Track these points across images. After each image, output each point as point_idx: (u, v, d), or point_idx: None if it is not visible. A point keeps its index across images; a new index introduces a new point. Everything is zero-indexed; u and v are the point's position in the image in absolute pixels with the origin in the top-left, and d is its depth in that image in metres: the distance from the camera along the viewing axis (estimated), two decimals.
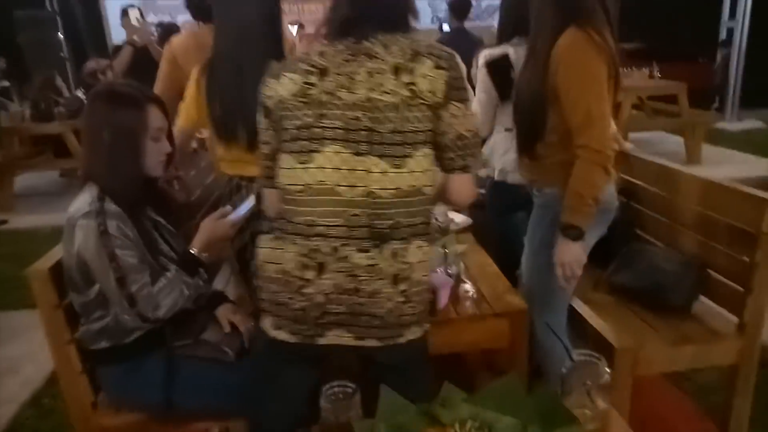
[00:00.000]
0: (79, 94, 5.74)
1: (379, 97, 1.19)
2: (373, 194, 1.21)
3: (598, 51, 1.55)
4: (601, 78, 1.57)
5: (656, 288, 1.99)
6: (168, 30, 4.75)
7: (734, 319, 1.87)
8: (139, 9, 4.75)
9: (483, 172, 2.41)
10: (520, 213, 2.20)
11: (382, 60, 1.21)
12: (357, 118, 1.20)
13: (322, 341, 1.26)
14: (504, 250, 2.25)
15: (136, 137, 1.51)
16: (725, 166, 5.52)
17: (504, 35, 2.26)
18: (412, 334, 1.28)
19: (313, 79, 1.23)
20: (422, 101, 1.19)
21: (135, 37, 4.32)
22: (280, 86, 1.25)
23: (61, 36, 8.01)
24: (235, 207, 1.69)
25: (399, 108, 1.19)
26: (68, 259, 1.49)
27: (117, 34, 6.58)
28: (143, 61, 4.33)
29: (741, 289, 1.80)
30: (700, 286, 1.95)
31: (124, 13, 4.64)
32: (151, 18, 6.58)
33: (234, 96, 1.72)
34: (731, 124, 7.60)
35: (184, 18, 6.95)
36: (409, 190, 1.22)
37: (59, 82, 6.04)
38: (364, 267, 1.22)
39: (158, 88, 2.26)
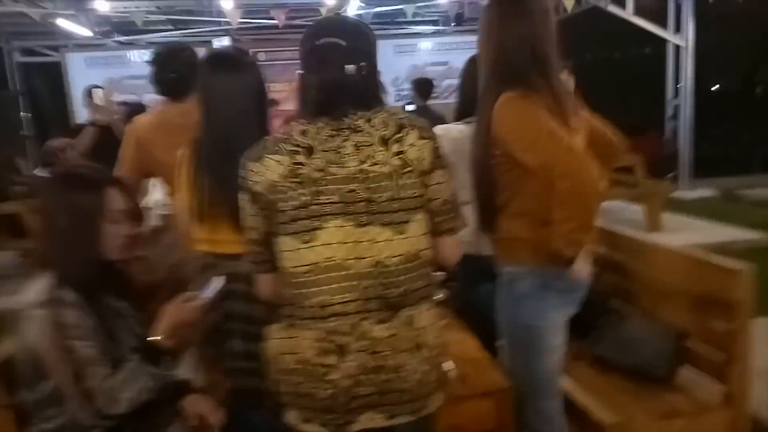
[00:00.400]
0: (39, 173, 5.62)
1: (371, 168, 1.21)
2: (381, 263, 1.21)
3: (532, 102, 1.50)
4: (543, 119, 1.48)
5: (637, 359, 1.96)
6: (133, 109, 4.75)
7: (719, 388, 1.84)
8: (103, 89, 4.76)
9: None
10: (488, 285, 2.16)
11: (368, 133, 1.23)
12: (353, 191, 1.21)
13: (355, 428, 1.22)
14: (480, 320, 2.19)
15: (92, 221, 1.45)
16: (685, 233, 5.66)
17: (460, 115, 2.27)
18: (438, 401, 1.29)
19: (300, 158, 1.22)
20: (412, 169, 1.23)
21: (98, 116, 4.29)
22: (267, 170, 1.23)
23: (22, 115, 7.95)
24: (200, 289, 1.62)
25: (392, 177, 1.21)
26: (19, 353, 1.37)
27: (81, 114, 6.55)
28: (107, 141, 4.29)
29: (725, 356, 1.78)
30: (682, 356, 1.93)
31: (88, 92, 4.64)
32: (116, 97, 6.61)
33: (223, 175, 1.65)
34: (686, 193, 7.89)
35: (150, 97, 7.06)
36: (412, 255, 1.24)
37: (19, 161, 5.92)
38: (385, 340, 1.21)
39: (122, 169, 2.19)
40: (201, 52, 2.22)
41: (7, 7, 5.43)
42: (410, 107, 5.08)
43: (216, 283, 1.61)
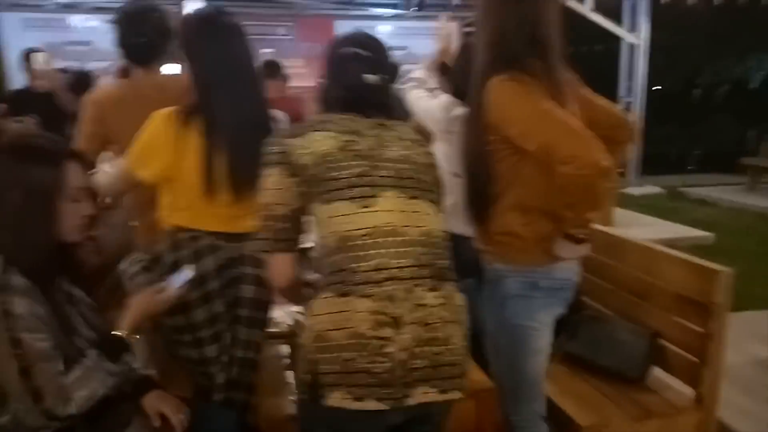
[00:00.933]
0: None
1: (415, 156, 1.37)
2: (431, 233, 1.31)
3: (525, 83, 1.43)
4: (537, 99, 1.41)
5: (611, 359, 1.95)
6: (79, 77, 4.41)
7: (688, 390, 1.85)
8: (43, 53, 4.39)
9: None
10: (470, 280, 2.10)
11: (400, 131, 1.39)
12: (404, 169, 1.33)
13: (411, 402, 1.21)
14: None
15: (50, 199, 1.29)
16: (635, 228, 5.78)
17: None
18: (467, 381, 1.31)
19: (350, 137, 1.32)
20: (435, 166, 1.43)
21: (38, 82, 3.96)
22: (316, 142, 1.30)
23: None
24: (170, 279, 1.49)
25: (429, 168, 1.40)
26: None
27: (17, 79, 6.07)
28: (48, 110, 3.98)
29: (696, 360, 1.79)
30: (653, 356, 1.93)
31: (26, 56, 4.26)
32: (58, 64, 6.17)
33: (240, 148, 1.59)
34: (634, 189, 8.13)
35: (96, 65, 6.64)
36: (448, 235, 1.37)
37: None
38: (436, 310, 1.25)
39: (80, 143, 1.95)
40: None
41: None
42: None
43: (186, 272, 1.48)
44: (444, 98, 2.11)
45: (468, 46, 2.03)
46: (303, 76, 7.38)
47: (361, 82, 1.35)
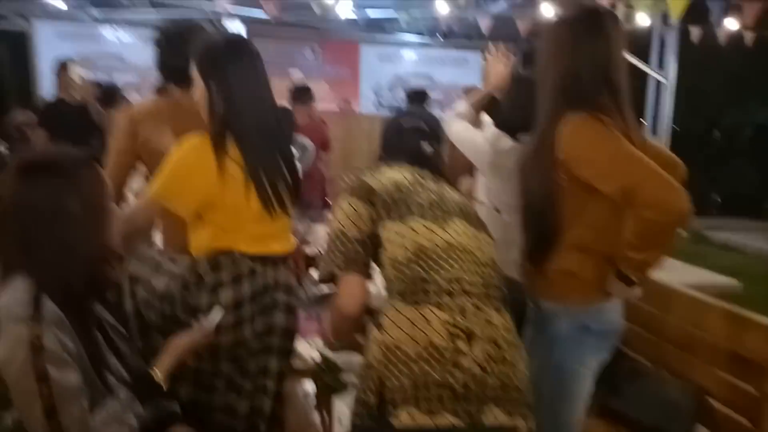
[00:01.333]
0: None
1: (466, 203, 1.51)
2: (494, 261, 1.39)
3: (603, 123, 1.39)
4: (618, 140, 1.37)
5: (653, 417, 1.84)
6: (109, 92, 4.42)
7: None
8: (79, 64, 4.39)
9: None
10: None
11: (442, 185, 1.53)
12: (466, 205, 1.48)
13: (484, 419, 1.19)
14: None
15: (89, 214, 1.21)
16: (661, 272, 5.68)
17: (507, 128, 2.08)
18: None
19: (418, 175, 1.49)
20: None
21: (72, 94, 3.95)
22: (388, 173, 1.48)
23: None
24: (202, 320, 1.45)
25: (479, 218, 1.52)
26: None
27: (48, 89, 6.12)
28: (79, 122, 3.97)
29: (749, 424, 1.67)
30: (700, 416, 1.82)
31: (63, 66, 4.25)
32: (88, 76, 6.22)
33: (277, 168, 1.64)
34: None
35: (124, 79, 6.68)
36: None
37: None
38: (501, 330, 1.26)
39: (110, 158, 1.88)
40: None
41: None
42: None
43: (217, 313, 1.45)
44: (491, 131, 2.05)
45: (522, 80, 1.98)
46: (327, 99, 7.42)
47: (421, 151, 1.56)
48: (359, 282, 1.36)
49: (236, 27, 1.84)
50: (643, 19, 6.15)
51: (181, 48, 1.84)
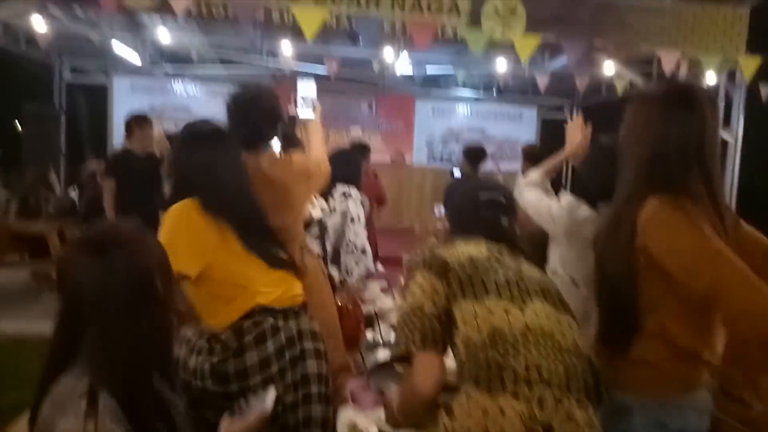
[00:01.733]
0: (71, 193, 5.49)
1: (547, 280, 1.44)
2: (580, 347, 1.28)
3: (688, 210, 1.28)
4: (706, 233, 1.25)
5: None
6: None
7: None
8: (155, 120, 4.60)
9: None
10: None
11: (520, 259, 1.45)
12: (546, 283, 1.41)
13: None
14: None
15: (169, 276, 1.16)
16: None
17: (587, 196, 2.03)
18: None
19: (493, 250, 1.43)
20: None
21: (156, 149, 4.12)
22: (462, 247, 1.41)
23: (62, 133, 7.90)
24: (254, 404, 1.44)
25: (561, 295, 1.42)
26: None
27: (120, 138, 6.47)
28: (144, 171, 4.14)
29: None
30: None
31: (133, 121, 4.44)
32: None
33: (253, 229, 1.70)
34: None
35: None
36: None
37: (53, 178, 5.81)
38: (584, 425, 1.16)
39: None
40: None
41: (69, 30, 5.40)
42: (457, 173, 4.92)
43: (271, 394, 1.44)
44: (567, 199, 2.01)
45: (602, 149, 1.94)
46: (380, 150, 7.54)
47: (499, 225, 1.51)
48: (437, 361, 1.28)
49: (308, 85, 1.90)
50: (710, 78, 5.99)
51: (248, 115, 1.93)
